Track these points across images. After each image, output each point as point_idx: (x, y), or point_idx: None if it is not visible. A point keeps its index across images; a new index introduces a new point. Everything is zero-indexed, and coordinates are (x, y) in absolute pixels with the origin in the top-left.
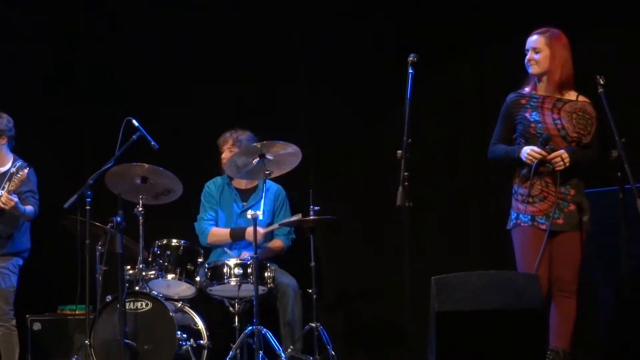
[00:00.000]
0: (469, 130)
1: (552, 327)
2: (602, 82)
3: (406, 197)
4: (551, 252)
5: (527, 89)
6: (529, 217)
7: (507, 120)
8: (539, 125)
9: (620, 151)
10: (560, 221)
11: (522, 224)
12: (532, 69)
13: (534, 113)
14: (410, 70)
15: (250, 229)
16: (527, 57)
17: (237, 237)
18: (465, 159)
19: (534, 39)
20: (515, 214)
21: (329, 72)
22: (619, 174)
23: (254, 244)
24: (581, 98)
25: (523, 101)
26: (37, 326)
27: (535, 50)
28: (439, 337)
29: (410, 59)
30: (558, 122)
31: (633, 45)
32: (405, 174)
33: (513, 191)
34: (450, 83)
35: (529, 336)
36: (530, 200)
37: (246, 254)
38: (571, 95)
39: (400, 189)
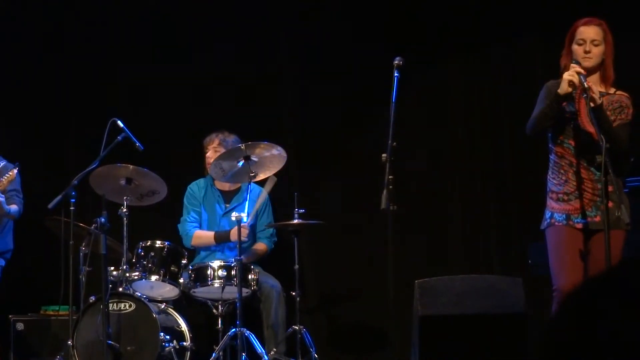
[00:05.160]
0: (454, 134)
1: None
2: (586, 86)
3: (390, 201)
4: (588, 253)
5: None
6: (564, 215)
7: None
8: (574, 116)
9: (604, 157)
10: (597, 219)
11: (556, 223)
12: (587, 62)
13: (570, 104)
14: (395, 74)
15: (234, 230)
16: (583, 48)
17: (222, 240)
18: (450, 163)
19: (593, 31)
20: (550, 213)
21: (313, 74)
22: (603, 179)
23: (238, 245)
24: (619, 92)
25: None
26: (20, 326)
27: (594, 43)
28: (422, 341)
29: (396, 62)
30: (592, 115)
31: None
32: (390, 177)
33: (547, 189)
34: (436, 86)
35: (511, 341)
36: (565, 198)
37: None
38: (610, 90)
39: (384, 192)
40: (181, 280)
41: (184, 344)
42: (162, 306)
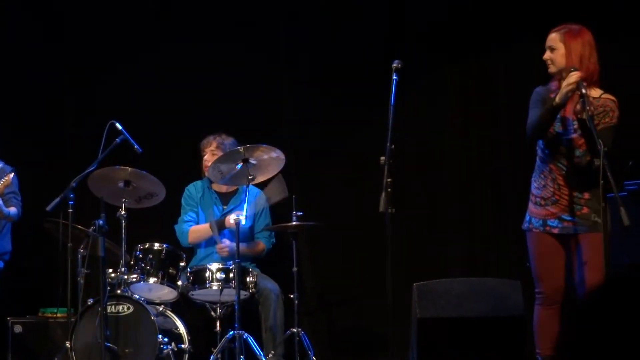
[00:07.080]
0: (452, 137)
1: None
2: (584, 92)
3: (389, 203)
4: (568, 256)
5: (553, 86)
6: (540, 221)
7: (542, 103)
8: (557, 124)
9: (602, 160)
10: (571, 224)
11: (534, 229)
12: (549, 68)
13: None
14: (394, 77)
15: (229, 217)
16: (544, 56)
17: (218, 227)
18: (448, 166)
19: (550, 37)
20: (529, 217)
21: (312, 76)
22: (602, 182)
23: (236, 248)
24: (605, 95)
25: (551, 95)
26: (18, 328)
27: (551, 49)
28: (420, 344)
29: (395, 65)
30: (575, 123)
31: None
32: (388, 180)
33: (530, 191)
34: (434, 89)
35: (509, 344)
36: (543, 202)
37: (227, 242)
38: (595, 92)
39: (383, 195)
40: (179, 283)
41: (182, 346)
42: (160, 308)
